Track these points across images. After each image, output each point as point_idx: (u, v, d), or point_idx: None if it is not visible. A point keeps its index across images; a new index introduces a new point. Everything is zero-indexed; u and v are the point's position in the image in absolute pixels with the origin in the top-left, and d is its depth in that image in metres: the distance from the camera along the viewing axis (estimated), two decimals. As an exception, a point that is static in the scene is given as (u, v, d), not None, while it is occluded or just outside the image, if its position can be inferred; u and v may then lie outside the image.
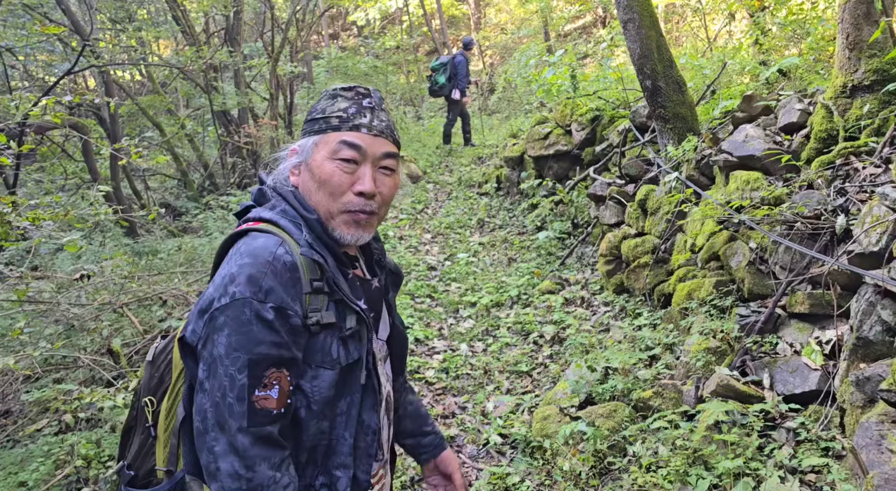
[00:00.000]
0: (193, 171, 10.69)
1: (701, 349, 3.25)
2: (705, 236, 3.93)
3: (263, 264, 1.13)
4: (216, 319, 1.11)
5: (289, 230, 1.21)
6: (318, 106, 1.29)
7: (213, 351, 1.11)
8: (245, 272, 1.12)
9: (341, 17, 21.58)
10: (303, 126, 1.31)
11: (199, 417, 1.11)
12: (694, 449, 2.62)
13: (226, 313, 1.11)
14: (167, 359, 1.30)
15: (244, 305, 1.10)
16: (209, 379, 1.11)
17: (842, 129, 3.51)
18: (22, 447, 3.55)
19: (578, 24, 15.65)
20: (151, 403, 1.27)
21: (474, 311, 5.06)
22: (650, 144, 5.25)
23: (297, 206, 1.25)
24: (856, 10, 3.47)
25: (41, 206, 3.43)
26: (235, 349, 1.10)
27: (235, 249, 1.18)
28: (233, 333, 1.10)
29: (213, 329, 1.12)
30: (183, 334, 1.17)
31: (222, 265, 1.19)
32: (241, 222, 1.27)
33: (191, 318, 1.17)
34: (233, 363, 1.09)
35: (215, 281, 1.16)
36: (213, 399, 1.10)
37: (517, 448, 3.27)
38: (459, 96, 10.08)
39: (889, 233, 2.60)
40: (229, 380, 1.09)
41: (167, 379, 1.27)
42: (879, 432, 2.25)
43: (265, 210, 1.26)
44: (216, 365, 1.10)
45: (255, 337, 1.10)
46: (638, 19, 4.68)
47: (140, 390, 1.32)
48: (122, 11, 9.54)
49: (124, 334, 4.57)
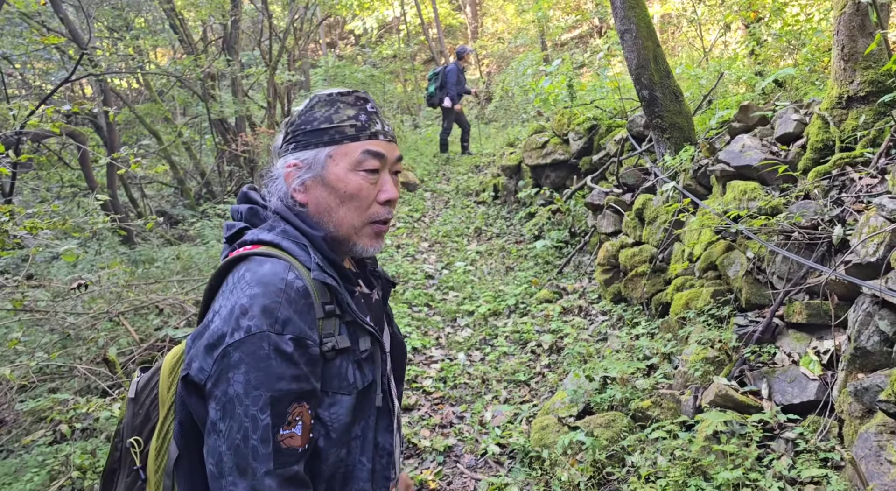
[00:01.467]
0: (190, 179, 10.68)
1: (699, 359, 3.25)
2: (703, 246, 3.94)
3: (276, 293, 1.06)
4: (230, 356, 1.03)
5: (293, 252, 1.14)
6: (318, 114, 1.19)
7: (227, 390, 1.03)
8: (258, 303, 1.05)
9: (339, 26, 21.66)
10: (297, 136, 1.20)
11: (213, 460, 1.04)
12: (693, 459, 2.61)
13: (241, 349, 1.03)
14: (152, 395, 1.21)
15: (261, 340, 1.03)
16: (224, 420, 1.03)
17: (838, 140, 3.53)
18: (16, 457, 3.52)
19: (575, 33, 15.73)
20: (138, 443, 1.19)
21: (472, 319, 5.05)
22: (647, 154, 5.27)
23: (299, 225, 1.18)
24: (851, 22, 3.50)
25: (38, 215, 3.42)
26: (255, 387, 1.02)
27: (238, 277, 1.10)
28: (251, 369, 1.03)
29: (228, 367, 1.03)
30: (186, 372, 1.08)
31: (223, 295, 1.10)
32: (237, 245, 1.17)
33: (194, 354, 1.08)
34: (254, 402, 1.02)
35: (221, 313, 1.07)
36: (230, 442, 1.02)
37: (515, 458, 3.26)
38: (450, 104, 10.13)
39: (886, 243, 2.61)
40: (251, 420, 1.02)
41: (154, 416, 1.19)
42: (878, 443, 2.24)
43: (263, 232, 1.17)
44: (233, 405, 1.03)
45: (275, 372, 1.03)
46: (635, 30, 4.71)
47: (123, 430, 1.23)
48: (119, 20, 9.57)
49: (120, 343, 4.54)
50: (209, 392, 1.05)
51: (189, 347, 1.11)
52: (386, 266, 6.24)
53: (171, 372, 1.19)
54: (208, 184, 10.34)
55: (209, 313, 1.11)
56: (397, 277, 6.03)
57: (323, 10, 12.70)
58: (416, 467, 3.28)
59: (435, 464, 3.30)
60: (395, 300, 5.42)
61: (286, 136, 1.22)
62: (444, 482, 3.17)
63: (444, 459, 3.35)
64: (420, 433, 3.55)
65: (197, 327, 1.13)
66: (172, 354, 1.23)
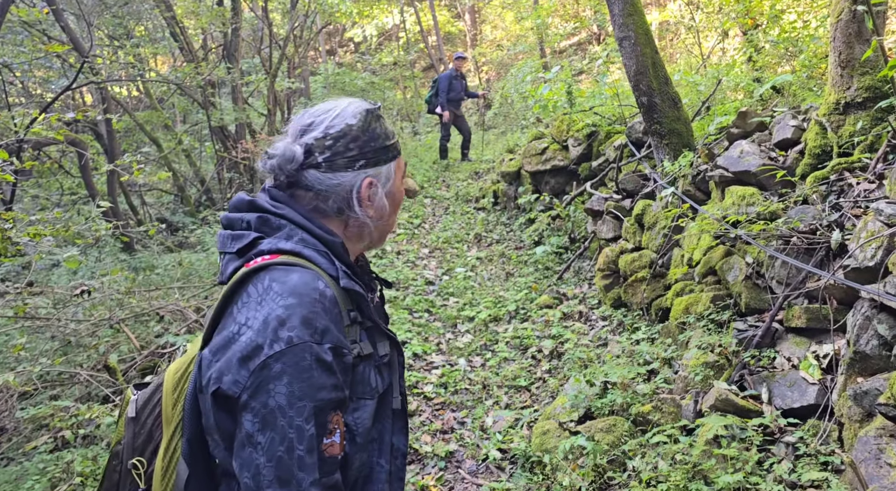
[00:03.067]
0: (190, 186, 10.70)
1: (699, 363, 3.26)
2: (702, 251, 3.95)
3: (312, 303, 1.06)
4: (270, 368, 1.02)
5: (315, 261, 1.14)
6: (377, 130, 1.22)
7: (268, 402, 1.02)
8: (297, 313, 1.04)
9: (339, 34, 21.75)
10: (367, 153, 1.21)
11: (249, 473, 1.02)
12: (693, 463, 2.62)
13: (282, 360, 1.02)
14: (154, 413, 1.19)
15: (304, 350, 1.03)
16: (264, 432, 1.01)
17: (835, 146, 3.55)
18: (17, 465, 3.52)
19: (574, 40, 15.82)
20: (141, 464, 1.16)
21: (472, 325, 5.06)
22: (646, 160, 5.30)
23: (318, 233, 1.18)
24: (847, 29, 3.53)
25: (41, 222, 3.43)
26: (299, 398, 1.02)
27: (265, 288, 1.08)
28: (294, 380, 1.02)
29: (268, 378, 1.02)
30: (217, 386, 1.05)
31: (246, 306, 1.08)
32: (254, 255, 1.14)
33: (224, 367, 1.05)
34: (298, 413, 1.02)
35: (253, 325, 1.05)
36: (271, 453, 1.01)
37: (516, 463, 3.26)
38: (440, 111, 10.17)
39: (884, 248, 2.63)
40: (296, 431, 1.01)
41: (157, 435, 1.17)
42: (878, 446, 2.25)
43: (280, 240, 1.15)
44: (275, 416, 1.01)
45: (317, 383, 1.04)
46: (634, 37, 4.74)
47: (122, 451, 1.19)
48: (120, 28, 9.62)
49: (121, 350, 4.55)
50: (244, 404, 1.03)
51: (208, 361, 1.08)
52: (386, 272, 6.26)
53: (174, 388, 1.17)
54: (208, 191, 10.36)
55: (230, 324, 1.08)
56: (398, 283, 6.05)
57: (322, 18, 12.76)
58: (417, 473, 3.29)
59: (436, 469, 3.31)
60: (395, 307, 5.43)
61: (346, 152, 1.19)
62: (446, 488, 3.18)
63: (446, 464, 3.35)
64: (421, 439, 3.56)
65: (215, 340, 1.10)
66: (174, 369, 1.20)
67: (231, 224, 1.20)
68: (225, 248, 1.18)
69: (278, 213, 1.18)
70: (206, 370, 1.08)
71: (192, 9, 9.82)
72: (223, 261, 1.19)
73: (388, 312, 1.45)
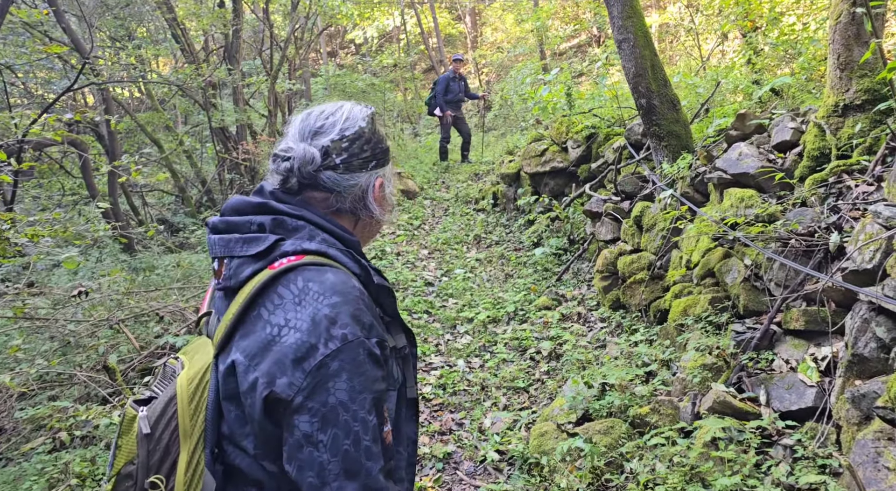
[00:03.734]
0: (191, 187, 10.72)
1: (697, 365, 3.26)
2: (700, 253, 3.95)
3: (356, 300, 1.10)
4: (328, 366, 1.04)
5: (341, 260, 1.16)
6: (381, 133, 1.29)
7: (328, 400, 1.04)
8: (344, 311, 1.07)
9: (339, 36, 21.78)
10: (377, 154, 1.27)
11: (314, 472, 1.03)
12: (691, 466, 2.62)
13: (340, 358, 1.05)
14: (171, 427, 1.14)
15: (358, 346, 1.06)
16: (325, 430, 1.03)
17: (834, 148, 3.55)
18: (15, 466, 3.52)
19: (573, 43, 15.83)
20: (161, 481, 1.11)
21: (471, 326, 5.06)
22: (645, 162, 5.30)
23: (338, 232, 1.21)
24: (846, 32, 3.53)
25: (40, 223, 3.43)
26: (360, 392, 1.05)
27: (300, 289, 1.09)
28: (353, 376, 1.05)
29: (327, 377, 1.04)
30: (269, 390, 1.04)
31: (281, 307, 1.08)
32: (279, 256, 1.13)
33: (274, 371, 1.05)
34: (361, 406, 1.05)
35: (299, 326, 1.06)
36: (336, 448, 1.03)
37: (514, 465, 3.26)
38: (440, 113, 10.21)
39: (882, 250, 2.63)
40: (361, 424, 1.05)
41: (174, 450, 1.13)
42: (876, 449, 2.25)
43: (304, 241, 1.15)
44: (336, 413, 1.04)
45: (372, 375, 1.08)
46: (633, 39, 4.75)
47: (137, 471, 1.13)
48: (121, 30, 9.64)
49: (121, 351, 4.55)
50: (299, 406, 1.03)
51: (244, 366, 1.07)
52: (386, 273, 6.26)
53: (191, 399, 1.14)
54: (209, 192, 10.37)
55: (263, 327, 1.08)
56: (397, 284, 6.05)
57: (323, 19, 12.78)
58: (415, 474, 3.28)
59: (434, 471, 3.31)
60: (394, 308, 5.43)
61: (361, 153, 1.24)
62: (444, 489, 3.18)
63: (444, 465, 3.35)
64: (419, 440, 3.56)
65: (244, 344, 1.08)
66: (186, 380, 1.16)
67: (235, 227, 1.18)
68: (233, 252, 1.15)
69: (294, 214, 1.18)
70: (243, 375, 1.07)
71: (193, 10, 9.84)
72: (230, 265, 1.16)
73: None
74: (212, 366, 1.14)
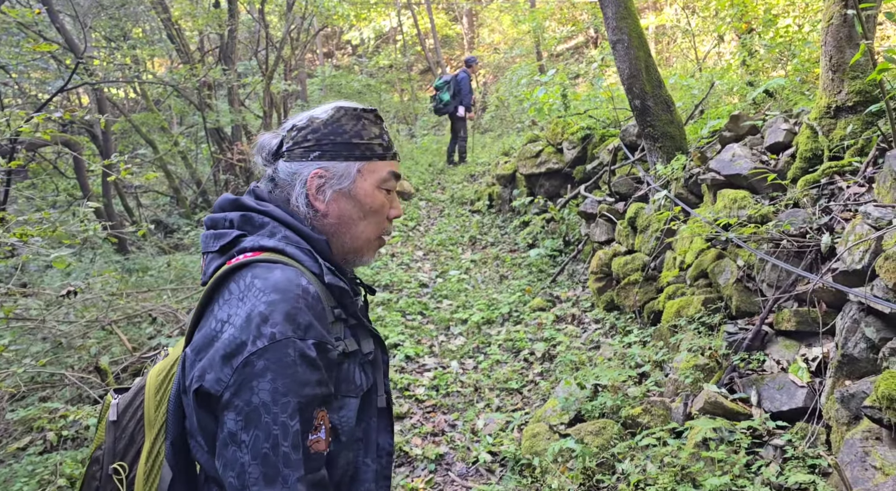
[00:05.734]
0: (186, 188, 10.69)
1: (689, 366, 3.26)
2: (694, 254, 3.95)
3: (295, 298, 1.05)
4: (253, 364, 1.01)
5: (298, 258, 1.13)
6: (347, 127, 1.20)
7: (251, 399, 1.01)
8: (279, 310, 1.03)
9: (336, 36, 21.77)
10: (324, 145, 1.19)
11: (233, 472, 1.01)
12: (682, 466, 2.61)
13: (266, 357, 1.01)
14: (136, 416, 1.16)
15: (286, 346, 1.02)
16: (247, 430, 1.01)
17: (826, 149, 3.56)
18: (6, 467, 3.51)
19: (570, 44, 15.84)
20: (123, 469, 1.13)
21: (465, 328, 5.06)
22: (640, 163, 5.31)
23: (302, 230, 1.17)
24: (838, 34, 3.54)
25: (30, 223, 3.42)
26: (283, 394, 1.01)
27: (246, 285, 1.07)
28: (277, 377, 1.01)
29: (251, 375, 1.01)
30: (199, 385, 1.04)
31: (227, 303, 1.07)
32: (236, 253, 1.13)
33: (206, 365, 1.04)
34: (283, 410, 1.01)
35: (234, 322, 1.04)
36: (256, 451, 1.00)
37: (506, 466, 3.26)
38: (464, 113, 10.20)
39: (872, 251, 2.63)
40: (281, 428, 1.01)
41: (139, 439, 1.14)
42: (864, 449, 2.25)
43: (263, 238, 1.14)
44: (258, 414, 1.01)
45: (301, 378, 1.03)
46: (627, 40, 4.75)
47: (103, 457, 1.16)
48: (116, 30, 9.60)
49: (112, 352, 4.53)
50: (227, 403, 1.02)
51: (191, 360, 1.07)
52: (380, 275, 6.25)
53: (157, 390, 1.16)
54: (204, 193, 10.34)
55: (211, 322, 1.08)
56: (391, 285, 6.04)
57: (320, 20, 12.78)
58: (407, 476, 3.28)
59: (426, 472, 3.30)
60: (388, 309, 5.42)
61: (303, 142, 1.19)
62: (436, 490, 3.17)
63: (436, 467, 3.34)
64: (412, 441, 3.55)
65: (196, 339, 1.09)
66: (157, 371, 1.19)
67: (214, 224, 1.19)
68: (208, 247, 1.17)
69: (261, 210, 1.17)
70: (189, 370, 1.07)
71: (188, 11, 9.82)
72: (206, 260, 1.18)
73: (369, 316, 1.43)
74: (179, 359, 1.14)
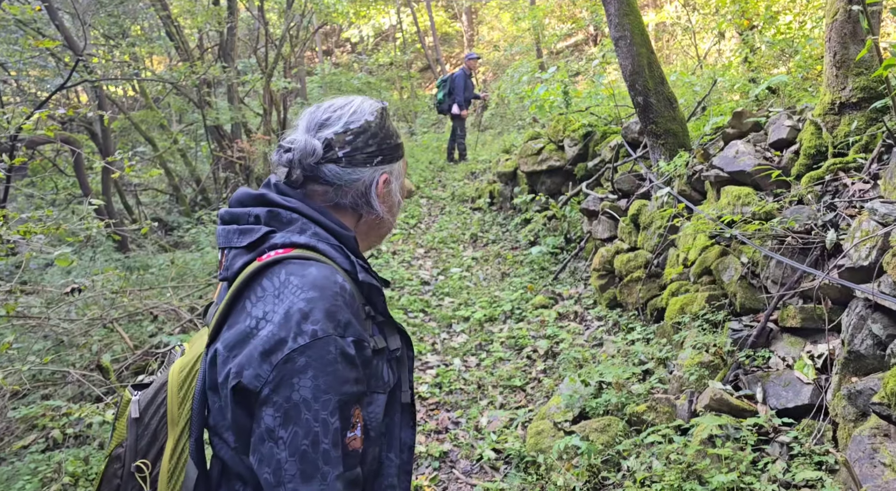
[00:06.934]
0: (186, 186, 10.67)
1: (694, 363, 3.25)
2: (697, 251, 3.95)
3: (334, 296, 1.06)
4: (294, 361, 1.01)
5: (330, 255, 1.13)
6: (391, 128, 1.26)
7: (291, 396, 1.01)
8: (319, 307, 1.04)
9: (335, 34, 21.73)
10: (384, 150, 1.23)
11: (269, 468, 1.01)
12: (688, 463, 2.61)
13: (307, 354, 1.01)
14: (159, 413, 1.15)
15: (328, 343, 1.02)
16: (286, 426, 1.01)
17: (830, 146, 3.55)
18: (8, 465, 3.50)
19: (570, 42, 15.82)
20: (146, 466, 1.13)
21: (467, 325, 5.05)
22: (642, 160, 5.30)
23: (331, 227, 1.17)
24: (842, 29, 3.53)
25: (32, 220, 3.40)
26: (325, 391, 1.02)
27: (282, 281, 1.07)
28: (319, 374, 1.01)
29: (292, 372, 1.01)
30: (237, 381, 1.03)
31: (262, 300, 1.07)
32: (266, 249, 1.12)
33: (244, 361, 1.03)
34: (323, 407, 1.01)
35: (273, 319, 1.04)
36: (294, 447, 1.00)
37: (511, 463, 3.25)
38: (458, 111, 10.20)
39: (878, 247, 2.62)
40: (321, 425, 1.01)
41: (161, 436, 1.14)
42: (872, 445, 2.25)
43: (293, 234, 1.14)
44: (298, 410, 1.01)
45: (342, 376, 1.03)
46: (629, 37, 4.74)
47: (124, 454, 1.15)
48: (115, 27, 9.58)
49: (114, 350, 4.53)
50: (265, 399, 1.02)
51: (224, 357, 1.06)
52: (382, 272, 6.24)
53: (180, 387, 1.15)
54: (204, 191, 10.33)
55: (245, 319, 1.07)
56: (393, 283, 6.03)
57: (319, 18, 12.75)
58: (411, 473, 3.27)
59: (430, 469, 3.29)
60: (391, 306, 5.42)
61: (365, 147, 1.21)
62: (440, 488, 3.16)
63: (440, 464, 3.34)
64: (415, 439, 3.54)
65: (227, 335, 1.08)
66: (178, 368, 1.17)
67: (236, 219, 1.18)
68: (230, 243, 1.16)
69: (289, 206, 1.17)
70: (221, 366, 1.06)
71: (188, 8, 9.80)
72: (228, 256, 1.16)
73: None
74: (203, 355, 1.14)
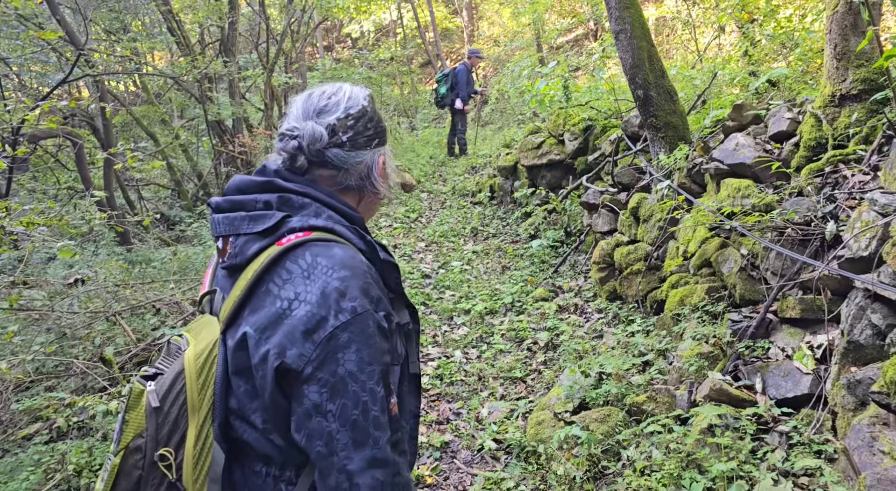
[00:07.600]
0: (187, 181, 10.67)
1: (694, 354, 3.27)
2: (697, 243, 3.96)
3: (364, 274, 1.13)
4: (337, 338, 1.07)
5: (346, 236, 1.19)
6: (379, 113, 1.34)
7: (337, 370, 1.07)
8: (353, 285, 1.10)
9: (336, 30, 21.70)
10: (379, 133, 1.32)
11: (322, 441, 1.06)
12: (687, 453, 2.63)
13: (349, 330, 1.08)
14: (179, 401, 1.15)
15: (367, 318, 1.09)
16: (334, 400, 1.06)
17: (830, 138, 3.56)
18: (12, 456, 3.52)
19: (570, 37, 15.79)
20: (170, 454, 1.13)
21: (468, 318, 5.07)
22: (642, 153, 5.30)
23: (342, 209, 1.23)
24: (843, 21, 3.54)
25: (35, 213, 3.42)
26: (368, 363, 1.08)
27: (309, 264, 1.11)
28: (362, 347, 1.08)
29: (336, 348, 1.07)
30: (280, 361, 1.07)
31: (291, 282, 1.11)
32: (286, 232, 1.15)
33: (285, 342, 1.07)
34: (370, 377, 1.08)
35: (308, 299, 1.08)
36: (345, 419, 1.06)
37: (512, 453, 3.27)
38: (461, 106, 10.21)
39: (878, 237, 2.64)
40: (369, 394, 1.07)
41: (182, 424, 1.14)
42: (871, 434, 2.26)
43: (309, 218, 1.18)
44: (345, 384, 1.06)
45: (380, 347, 1.11)
46: (630, 30, 4.74)
47: (145, 445, 1.14)
48: (117, 22, 9.57)
49: (117, 343, 4.54)
50: (308, 376, 1.06)
51: (255, 339, 1.09)
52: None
53: (199, 374, 1.15)
54: (205, 186, 10.34)
55: (273, 301, 1.10)
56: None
57: (320, 13, 12.73)
58: (412, 463, 3.29)
59: (432, 460, 3.31)
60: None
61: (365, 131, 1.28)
62: (441, 478, 3.18)
63: (441, 454, 3.36)
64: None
65: (255, 318, 1.10)
66: (193, 355, 1.17)
67: (241, 206, 1.19)
68: (238, 230, 1.17)
69: (300, 191, 1.21)
70: (254, 348, 1.09)
71: (189, 3, 9.79)
72: (235, 243, 1.17)
73: None
74: (219, 342, 1.16)
